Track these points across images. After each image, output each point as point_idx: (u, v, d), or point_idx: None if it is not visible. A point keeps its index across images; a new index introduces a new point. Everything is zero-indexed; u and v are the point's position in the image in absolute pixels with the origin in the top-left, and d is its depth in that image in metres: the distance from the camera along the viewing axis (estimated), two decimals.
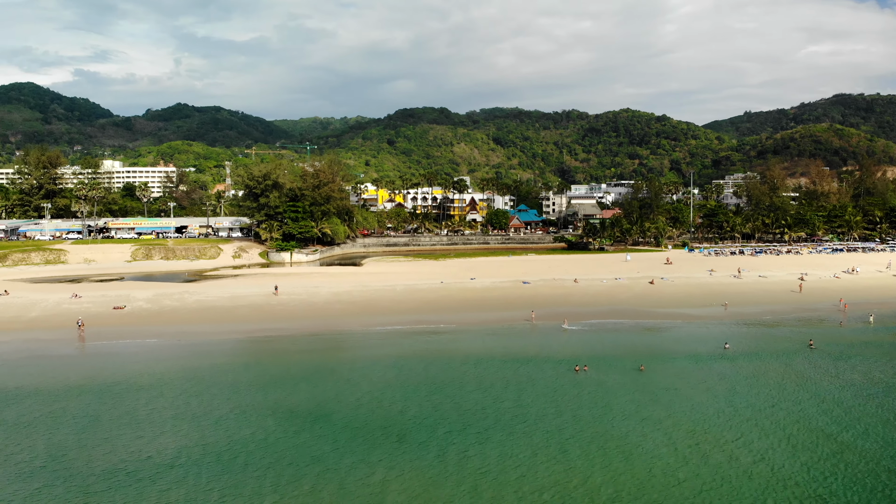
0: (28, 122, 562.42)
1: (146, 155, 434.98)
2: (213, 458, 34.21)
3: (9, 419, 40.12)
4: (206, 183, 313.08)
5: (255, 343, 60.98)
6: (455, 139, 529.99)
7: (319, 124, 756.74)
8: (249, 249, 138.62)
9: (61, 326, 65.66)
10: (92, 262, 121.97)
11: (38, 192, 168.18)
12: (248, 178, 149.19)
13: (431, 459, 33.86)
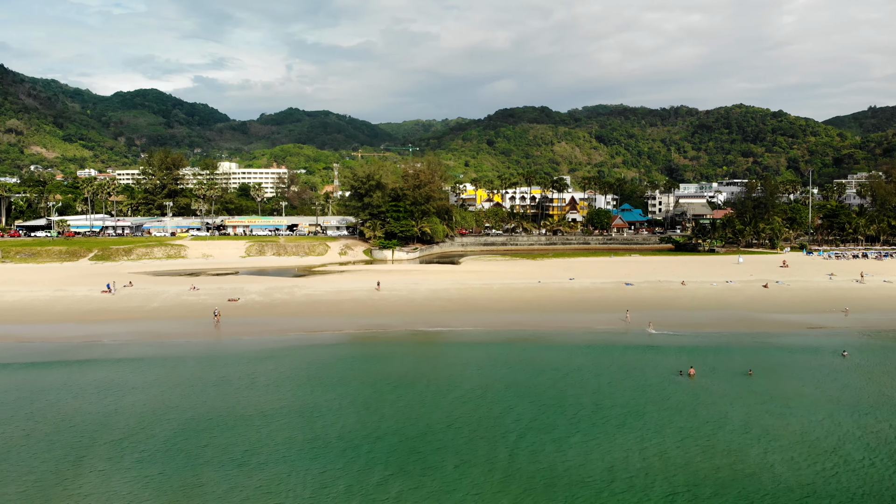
0: (152, 127, 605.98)
1: (260, 157, 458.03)
2: (329, 445, 35.54)
3: (141, 405, 43.38)
4: (316, 184, 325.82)
5: (358, 337, 62.78)
6: (556, 138, 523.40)
7: (421, 126, 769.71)
8: (354, 247, 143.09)
9: (180, 317, 70.36)
10: (209, 257, 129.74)
11: (161, 192, 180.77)
12: (354, 179, 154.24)
13: (537, 464, 33.17)
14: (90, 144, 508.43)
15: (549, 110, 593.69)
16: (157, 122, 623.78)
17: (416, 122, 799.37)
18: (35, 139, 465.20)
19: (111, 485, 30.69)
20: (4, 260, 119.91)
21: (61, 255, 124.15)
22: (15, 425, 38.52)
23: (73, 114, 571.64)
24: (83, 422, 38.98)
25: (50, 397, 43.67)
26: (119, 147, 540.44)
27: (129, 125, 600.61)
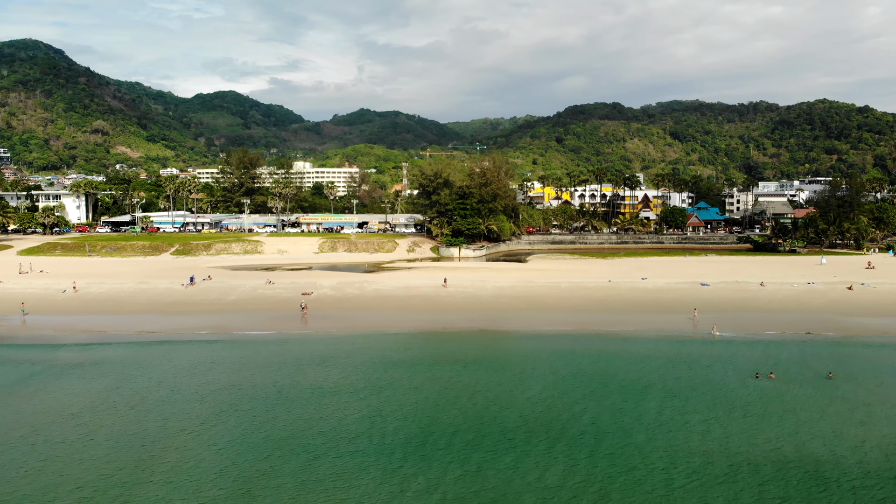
0: (230, 127, 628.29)
1: (333, 157, 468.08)
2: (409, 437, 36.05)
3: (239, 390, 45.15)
4: (385, 183, 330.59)
5: (427, 333, 63.28)
6: (628, 135, 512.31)
7: (489, 125, 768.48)
8: (422, 244, 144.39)
9: (256, 309, 72.81)
10: (284, 252, 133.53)
11: (239, 190, 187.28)
12: (422, 177, 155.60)
13: (616, 469, 32.57)
14: (172, 144, 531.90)
15: (621, 106, 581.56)
16: (235, 123, 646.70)
17: (483, 121, 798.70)
18: (120, 139, 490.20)
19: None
20: (91, 254, 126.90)
21: (144, 250, 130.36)
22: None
23: (155, 115, 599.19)
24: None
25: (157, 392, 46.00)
26: (199, 147, 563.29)
27: (208, 126, 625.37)
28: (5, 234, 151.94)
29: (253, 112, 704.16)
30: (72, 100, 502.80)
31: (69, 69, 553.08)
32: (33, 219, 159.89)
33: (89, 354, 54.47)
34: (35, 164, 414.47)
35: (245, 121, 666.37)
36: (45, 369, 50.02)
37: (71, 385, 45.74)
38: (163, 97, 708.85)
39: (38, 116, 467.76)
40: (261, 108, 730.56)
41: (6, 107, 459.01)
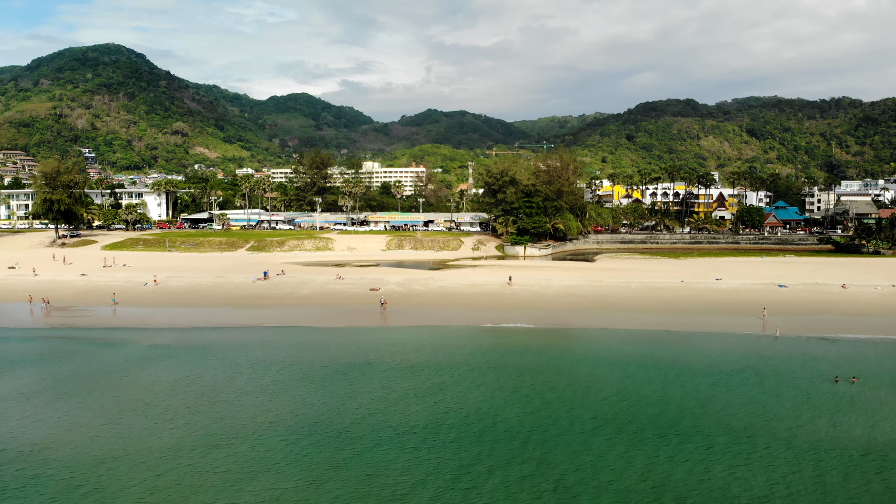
0: (303, 129, 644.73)
1: (400, 157, 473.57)
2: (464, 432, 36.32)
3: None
4: (451, 182, 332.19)
5: (491, 329, 63.32)
6: (702, 132, 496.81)
7: (557, 123, 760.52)
8: (487, 242, 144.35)
9: (326, 303, 74.59)
10: (353, 249, 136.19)
11: (311, 189, 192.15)
12: (487, 176, 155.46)
13: (695, 477, 31.75)
14: (247, 145, 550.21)
15: (694, 103, 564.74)
16: (308, 125, 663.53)
17: (551, 119, 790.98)
18: (199, 140, 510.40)
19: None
20: (171, 249, 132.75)
21: (221, 246, 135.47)
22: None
23: (232, 117, 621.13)
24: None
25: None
26: (273, 148, 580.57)
27: (282, 127, 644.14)
28: (90, 230, 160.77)
29: (324, 114, 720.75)
30: (153, 102, 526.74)
31: (150, 73, 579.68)
32: (117, 215, 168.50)
33: (168, 345, 57.08)
34: (118, 163, 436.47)
35: (317, 122, 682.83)
36: (132, 357, 52.72)
37: (153, 373, 48.00)
38: (239, 100, 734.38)
39: (121, 118, 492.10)
40: (332, 110, 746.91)
41: (91, 109, 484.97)
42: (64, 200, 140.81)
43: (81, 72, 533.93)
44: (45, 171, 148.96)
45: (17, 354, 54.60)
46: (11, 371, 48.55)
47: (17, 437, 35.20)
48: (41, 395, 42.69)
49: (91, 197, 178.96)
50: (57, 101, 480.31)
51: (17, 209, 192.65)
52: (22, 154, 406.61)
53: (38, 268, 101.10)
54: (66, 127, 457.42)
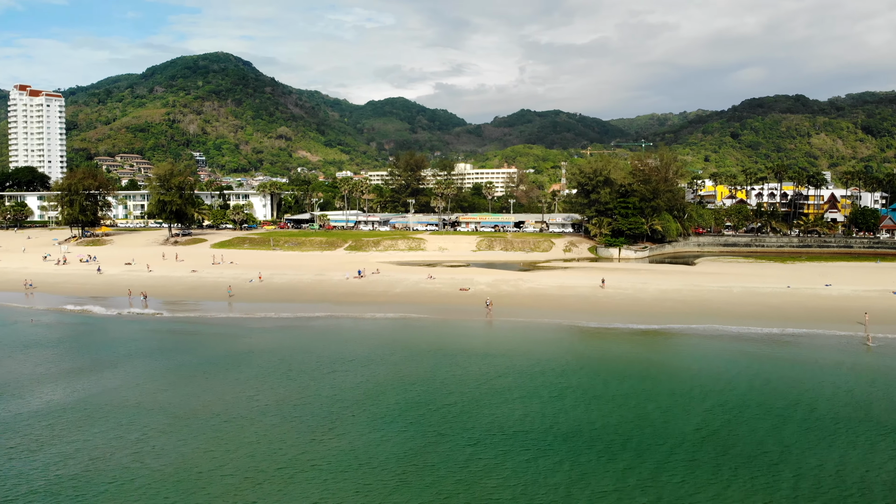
0: (399, 132, 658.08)
1: (492, 158, 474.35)
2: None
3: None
4: (543, 183, 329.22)
5: (582, 332, 62.45)
6: (813, 129, 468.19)
7: (656, 121, 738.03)
8: (579, 244, 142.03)
9: (418, 302, 76.06)
10: (444, 250, 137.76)
11: (405, 191, 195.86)
12: (581, 176, 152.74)
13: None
14: (346, 149, 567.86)
15: (804, 99, 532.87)
16: (403, 128, 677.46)
17: (650, 117, 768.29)
18: (301, 144, 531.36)
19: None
20: (275, 248, 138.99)
21: (321, 245, 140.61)
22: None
23: (332, 122, 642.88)
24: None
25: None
26: (371, 151, 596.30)
27: (379, 131, 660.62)
28: (201, 229, 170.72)
29: (419, 117, 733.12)
30: (259, 108, 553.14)
31: (256, 79, 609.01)
32: (225, 216, 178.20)
33: (271, 338, 59.95)
34: (227, 166, 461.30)
35: (412, 125, 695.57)
36: (238, 349, 55.82)
37: (254, 366, 50.55)
38: (339, 105, 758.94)
39: (229, 123, 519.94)
40: (426, 113, 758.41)
41: (201, 115, 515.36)
42: (176, 201, 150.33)
43: (192, 79, 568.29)
44: (158, 174, 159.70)
45: (144, 341, 58.98)
46: (156, 357, 52.58)
47: (193, 403, 38.07)
48: (203, 370, 45.94)
49: (202, 198, 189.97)
50: (170, 107, 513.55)
51: (133, 209, 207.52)
52: (138, 157, 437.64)
53: (151, 264, 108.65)
54: (179, 132, 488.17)
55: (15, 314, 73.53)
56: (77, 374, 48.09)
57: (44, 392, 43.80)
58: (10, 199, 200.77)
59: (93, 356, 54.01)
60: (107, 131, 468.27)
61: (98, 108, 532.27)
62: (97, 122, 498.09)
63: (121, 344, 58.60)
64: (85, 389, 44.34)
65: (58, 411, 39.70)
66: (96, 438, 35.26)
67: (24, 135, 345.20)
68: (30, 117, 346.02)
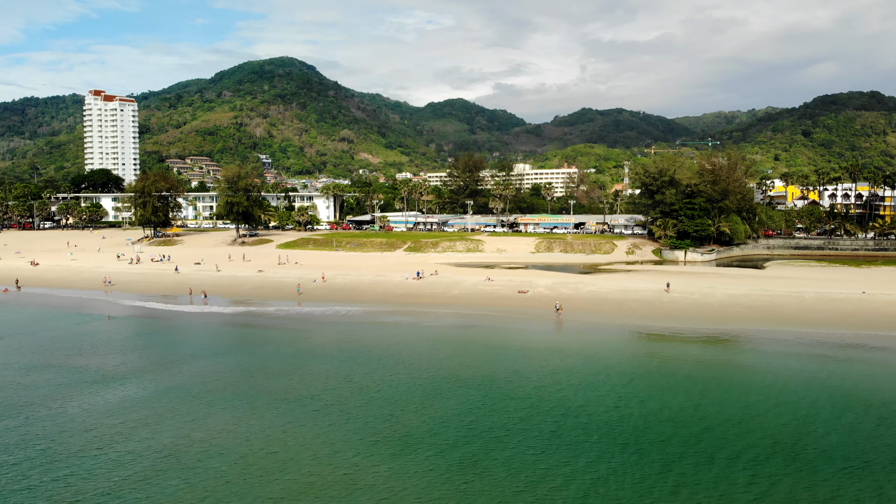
0: (458, 133, 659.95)
1: (552, 158, 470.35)
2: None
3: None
4: (605, 183, 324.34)
5: (647, 338, 61.25)
6: (889, 127, 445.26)
7: (724, 119, 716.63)
8: (642, 246, 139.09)
9: (476, 304, 76.12)
10: (503, 251, 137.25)
11: (464, 192, 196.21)
12: (644, 175, 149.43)
13: None
14: (406, 150, 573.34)
15: (880, 95, 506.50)
16: (462, 129, 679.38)
17: (717, 115, 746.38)
18: (363, 146, 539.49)
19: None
20: (337, 248, 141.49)
21: (381, 246, 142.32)
22: None
23: (393, 124, 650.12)
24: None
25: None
26: (430, 153, 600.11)
27: (438, 133, 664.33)
28: (267, 230, 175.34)
29: (478, 118, 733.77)
30: (322, 111, 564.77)
31: (320, 83, 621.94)
32: (290, 217, 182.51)
33: (334, 338, 61.15)
34: (292, 168, 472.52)
35: (471, 126, 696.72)
36: (302, 348, 57.17)
37: (318, 365, 51.66)
38: (399, 107, 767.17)
39: (294, 127, 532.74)
40: (485, 114, 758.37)
41: (268, 118, 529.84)
42: (243, 203, 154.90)
43: (259, 84, 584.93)
44: (226, 176, 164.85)
45: (214, 337, 61.17)
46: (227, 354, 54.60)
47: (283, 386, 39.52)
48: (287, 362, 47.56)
49: (268, 200, 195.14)
50: (237, 111, 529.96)
51: (202, 210, 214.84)
52: (207, 160, 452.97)
53: (220, 264, 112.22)
54: (246, 135, 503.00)
55: (93, 311, 77.30)
56: (150, 371, 50.16)
57: (119, 387, 45.85)
58: (86, 201, 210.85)
59: (168, 352, 56.46)
60: (177, 135, 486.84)
61: (169, 112, 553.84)
62: (168, 125, 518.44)
63: (194, 340, 61.35)
64: (158, 385, 46.22)
65: (132, 407, 41.51)
66: (162, 436, 36.73)
67: (99, 138, 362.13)
68: (104, 121, 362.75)
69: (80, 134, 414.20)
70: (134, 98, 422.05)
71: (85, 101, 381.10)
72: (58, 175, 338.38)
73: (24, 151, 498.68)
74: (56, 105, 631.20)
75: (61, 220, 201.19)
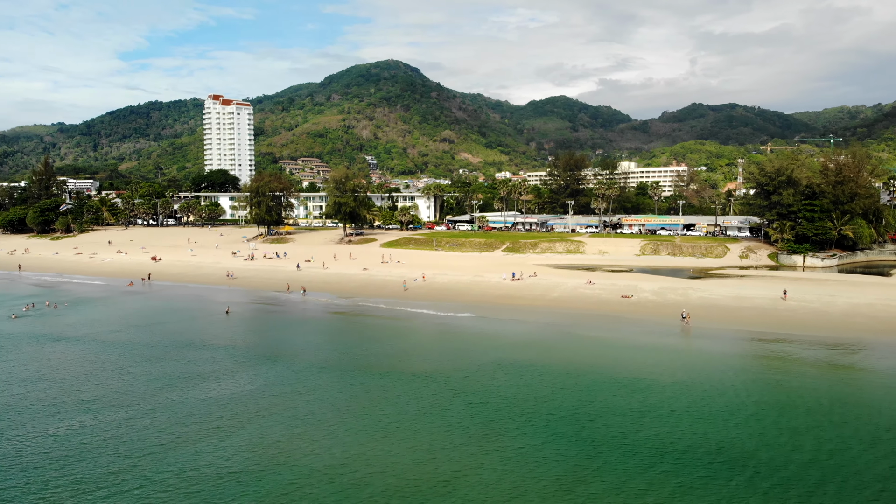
0: (559, 131, 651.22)
1: (659, 156, 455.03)
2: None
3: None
4: (717, 182, 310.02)
5: (762, 349, 58.17)
6: None
7: (846, 114, 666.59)
8: (757, 250, 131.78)
9: (578, 307, 74.95)
10: (605, 253, 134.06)
11: (564, 191, 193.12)
12: (760, 174, 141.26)
13: None
14: (506, 150, 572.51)
15: None
16: (564, 127, 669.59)
17: (839, 110, 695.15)
18: (463, 147, 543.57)
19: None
20: (437, 248, 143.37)
21: (480, 246, 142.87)
22: None
23: (493, 123, 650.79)
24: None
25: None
26: (530, 151, 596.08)
27: (539, 131, 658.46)
28: (371, 229, 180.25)
29: (581, 115, 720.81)
30: (425, 113, 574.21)
31: (423, 85, 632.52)
32: (393, 217, 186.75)
33: (433, 337, 62.10)
34: (395, 169, 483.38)
35: (573, 124, 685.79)
36: (400, 348, 58.53)
37: (418, 366, 52.71)
38: (500, 106, 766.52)
39: (398, 128, 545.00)
40: (588, 111, 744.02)
41: (373, 120, 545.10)
42: (350, 203, 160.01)
43: (365, 87, 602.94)
44: (335, 178, 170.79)
45: (323, 331, 63.94)
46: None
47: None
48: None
49: (372, 200, 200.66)
50: (345, 113, 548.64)
51: (312, 209, 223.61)
52: (317, 161, 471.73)
53: (327, 262, 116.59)
54: (353, 136, 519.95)
55: (213, 304, 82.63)
56: (265, 362, 53.00)
57: (231, 380, 48.71)
58: (205, 199, 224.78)
59: (285, 344, 59.75)
60: (289, 137, 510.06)
61: (282, 115, 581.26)
62: (281, 128, 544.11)
63: (309, 333, 64.42)
64: (273, 375, 48.75)
65: (246, 397, 44.03)
66: (271, 429, 38.66)
67: (217, 140, 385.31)
68: (222, 125, 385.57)
69: (199, 136, 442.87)
70: (249, 102, 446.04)
71: (204, 105, 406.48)
72: (179, 175, 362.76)
73: (149, 152, 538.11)
74: (178, 109, 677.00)
75: (183, 217, 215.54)
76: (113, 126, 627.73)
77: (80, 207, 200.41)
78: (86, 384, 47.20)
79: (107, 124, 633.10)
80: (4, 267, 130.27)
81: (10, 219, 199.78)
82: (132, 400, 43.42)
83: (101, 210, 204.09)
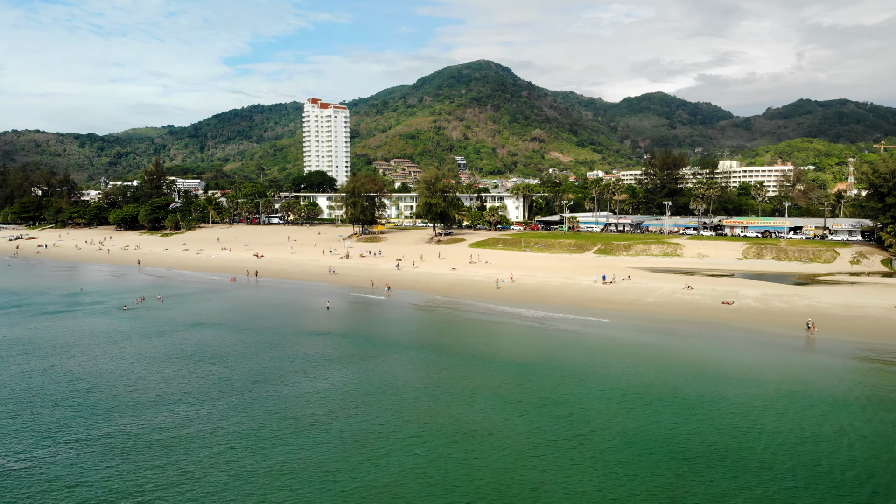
0: (656, 129, 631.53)
1: (763, 154, 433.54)
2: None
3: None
4: (826, 182, 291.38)
5: (876, 363, 54.41)
6: None
7: None
8: (870, 255, 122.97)
9: (676, 314, 72.51)
10: (704, 257, 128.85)
11: (660, 192, 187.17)
12: (873, 175, 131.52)
13: None
14: (599, 148, 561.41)
15: None
16: (661, 124, 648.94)
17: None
18: (553, 146, 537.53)
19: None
20: (525, 249, 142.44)
21: (570, 248, 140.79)
22: None
23: (585, 121, 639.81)
24: None
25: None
26: (624, 150, 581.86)
27: (634, 128, 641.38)
28: (460, 229, 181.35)
29: (679, 111, 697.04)
30: (515, 112, 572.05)
31: (514, 84, 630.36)
32: (481, 217, 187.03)
33: (523, 339, 61.88)
34: (484, 169, 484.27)
35: (670, 121, 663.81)
36: (490, 351, 58.73)
37: (503, 367, 52.74)
38: (593, 104, 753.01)
39: (487, 128, 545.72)
40: (687, 107, 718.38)
41: (463, 121, 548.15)
42: (440, 204, 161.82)
43: (456, 88, 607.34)
44: (426, 178, 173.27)
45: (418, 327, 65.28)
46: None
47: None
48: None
49: (461, 200, 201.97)
50: (436, 115, 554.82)
51: (404, 210, 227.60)
52: (409, 162, 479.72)
53: (417, 262, 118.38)
54: (444, 138, 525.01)
55: (312, 300, 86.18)
56: (367, 358, 54.59)
57: (327, 374, 50.37)
58: (304, 199, 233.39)
59: (381, 341, 61.36)
60: (383, 139, 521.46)
61: (376, 117, 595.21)
62: (375, 130, 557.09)
63: (407, 330, 66.27)
64: (378, 370, 50.14)
65: (342, 393, 45.46)
66: (364, 424, 39.70)
67: (315, 142, 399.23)
68: (320, 127, 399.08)
69: (299, 138, 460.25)
70: (345, 105, 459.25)
71: (304, 108, 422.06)
72: (280, 175, 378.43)
73: (252, 154, 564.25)
74: (279, 112, 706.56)
75: (283, 216, 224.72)
76: (218, 128, 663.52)
77: (187, 206, 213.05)
78: (194, 376, 50.17)
79: (212, 127, 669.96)
80: (122, 262, 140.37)
81: (124, 216, 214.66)
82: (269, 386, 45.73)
83: (208, 209, 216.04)
